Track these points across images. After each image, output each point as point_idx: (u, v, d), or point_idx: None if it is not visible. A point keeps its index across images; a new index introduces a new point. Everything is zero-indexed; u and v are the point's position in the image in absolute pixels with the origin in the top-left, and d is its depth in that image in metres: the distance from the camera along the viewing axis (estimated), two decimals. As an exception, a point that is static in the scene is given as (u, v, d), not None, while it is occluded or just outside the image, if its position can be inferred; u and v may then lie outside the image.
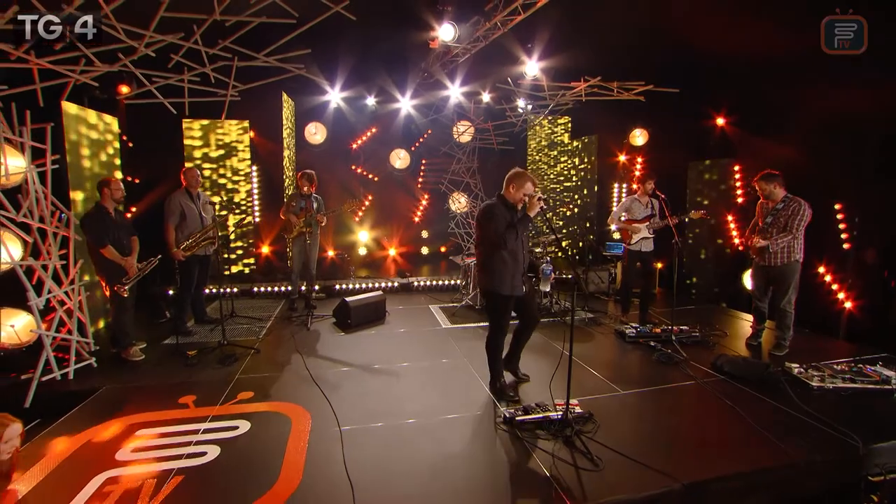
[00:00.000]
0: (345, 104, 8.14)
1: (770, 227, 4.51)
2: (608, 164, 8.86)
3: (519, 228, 3.23)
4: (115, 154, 5.41)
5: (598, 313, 5.93)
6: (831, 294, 5.93)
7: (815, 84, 5.82)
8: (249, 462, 2.57)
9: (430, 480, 2.44)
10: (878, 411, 3.34)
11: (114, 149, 5.38)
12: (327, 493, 2.31)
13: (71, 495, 2.25)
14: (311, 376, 3.81)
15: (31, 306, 3.59)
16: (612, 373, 3.98)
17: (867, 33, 4.00)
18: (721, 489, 2.54)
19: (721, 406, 3.40)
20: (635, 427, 3.12)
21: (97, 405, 3.32)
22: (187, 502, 2.23)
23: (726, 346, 4.76)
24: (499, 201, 3.42)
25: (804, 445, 2.87)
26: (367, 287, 6.65)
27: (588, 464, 2.61)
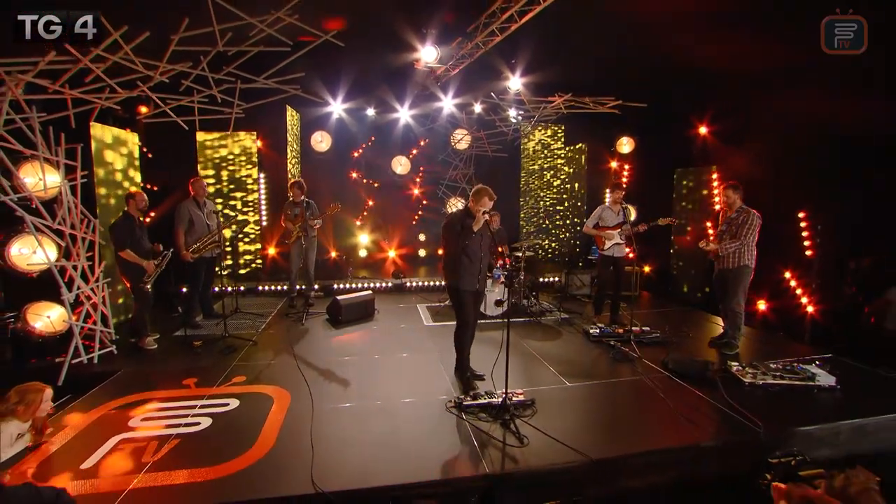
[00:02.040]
0: (346, 115, 8.70)
1: (724, 234, 4.90)
2: (599, 171, 9.21)
3: (463, 236, 3.72)
4: (137, 164, 6.09)
5: (573, 314, 6.34)
6: (796, 299, 6.22)
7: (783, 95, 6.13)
8: (233, 431, 3.13)
9: (378, 450, 2.95)
10: (795, 404, 3.71)
11: (135, 160, 6.06)
12: (291, 457, 2.84)
13: (93, 450, 2.86)
14: (297, 365, 4.37)
15: (64, 300, 4.24)
16: (565, 368, 4.42)
17: (867, 33, 3.98)
18: (627, 465, 2.97)
19: (654, 398, 3.82)
20: (570, 414, 3.56)
21: (116, 384, 3.95)
22: (179, 458, 2.79)
23: (684, 346, 5.12)
24: (464, 212, 3.93)
25: (713, 431, 3.28)
26: (362, 287, 7.20)
27: (515, 441, 3.07)
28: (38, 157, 4.29)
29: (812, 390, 3.94)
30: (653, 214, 6.42)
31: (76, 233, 4.56)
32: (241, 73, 5.26)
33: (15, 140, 4.17)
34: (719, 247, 4.82)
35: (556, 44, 6.28)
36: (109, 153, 5.60)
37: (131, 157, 6.09)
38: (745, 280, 4.82)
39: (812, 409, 3.66)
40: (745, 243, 4.74)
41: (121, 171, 5.82)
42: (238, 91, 5.54)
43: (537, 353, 4.79)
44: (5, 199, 3.96)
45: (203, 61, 4.86)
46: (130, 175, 6.05)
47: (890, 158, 5.25)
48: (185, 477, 2.61)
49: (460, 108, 8.32)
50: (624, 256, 5.79)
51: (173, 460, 2.77)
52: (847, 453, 3.33)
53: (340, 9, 5.56)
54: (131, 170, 6.08)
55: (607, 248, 5.75)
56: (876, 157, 5.42)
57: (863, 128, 5.33)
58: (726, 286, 4.95)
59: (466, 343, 4.11)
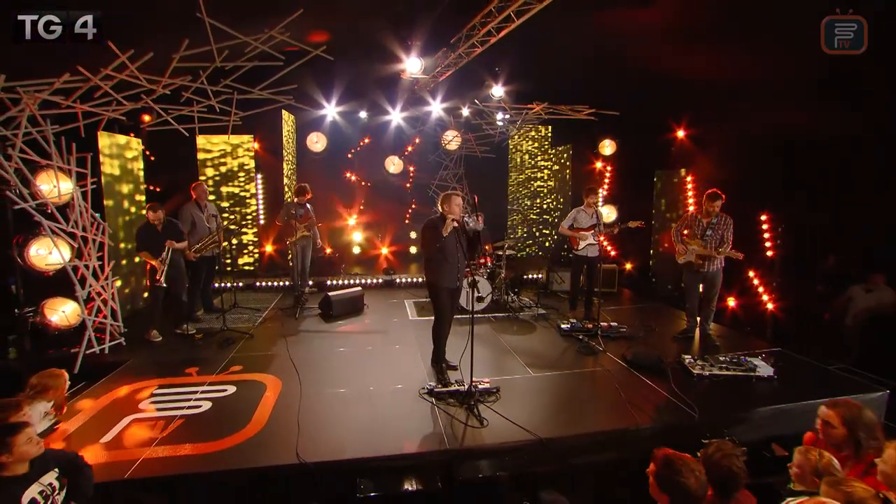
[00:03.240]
0: (340, 118, 9.07)
1: (710, 239, 5.22)
2: (585, 171, 9.60)
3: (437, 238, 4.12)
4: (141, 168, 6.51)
5: (550, 310, 6.76)
6: (758, 297, 6.64)
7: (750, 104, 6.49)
8: (230, 413, 3.58)
9: (355, 430, 3.39)
10: (733, 392, 4.13)
11: (139, 163, 6.48)
12: (279, 435, 3.29)
13: (109, 427, 3.33)
14: (289, 355, 4.81)
15: (78, 297, 4.68)
16: (533, 359, 4.85)
17: (867, 33, 3.96)
18: (572, 445, 3.40)
19: (608, 387, 4.25)
20: (530, 400, 3.99)
21: (125, 372, 4.40)
22: (184, 434, 3.25)
23: (649, 340, 5.53)
24: (439, 216, 4.33)
25: (654, 416, 3.72)
26: (354, 283, 7.63)
27: (476, 423, 3.51)
28: (52, 166, 4.71)
29: (751, 380, 4.36)
30: (633, 214, 6.82)
31: (87, 235, 4.98)
32: (238, 86, 5.65)
33: (32, 151, 4.59)
34: (714, 251, 5.13)
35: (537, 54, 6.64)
36: (116, 160, 6.01)
37: (135, 162, 6.50)
38: (721, 278, 5.31)
39: (747, 396, 4.09)
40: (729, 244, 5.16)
41: (126, 174, 6.24)
42: (235, 101, 5.93)
43: (510, 346, 5.23)
44: (25, 206, 4.39)
45: (202, 76, 5.25)
46: (136, 177, 6.46)
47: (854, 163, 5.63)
48: (189, 450, 3.07)
49: (448, 111, 8.69)
50: (597, 256, 6.18)
51: (179, 436, 3.23)
52: (771, 434, 3.76)
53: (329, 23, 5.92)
54: (136, 172, 6.50)
55: (581, 249, 6.15)
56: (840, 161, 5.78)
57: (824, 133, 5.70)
58: (711, 287, 5.35)
59: (443, 336, 4.54)
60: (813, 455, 2.34)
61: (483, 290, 6.40)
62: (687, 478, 1.93)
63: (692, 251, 5.34)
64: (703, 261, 5.29)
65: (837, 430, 2.57)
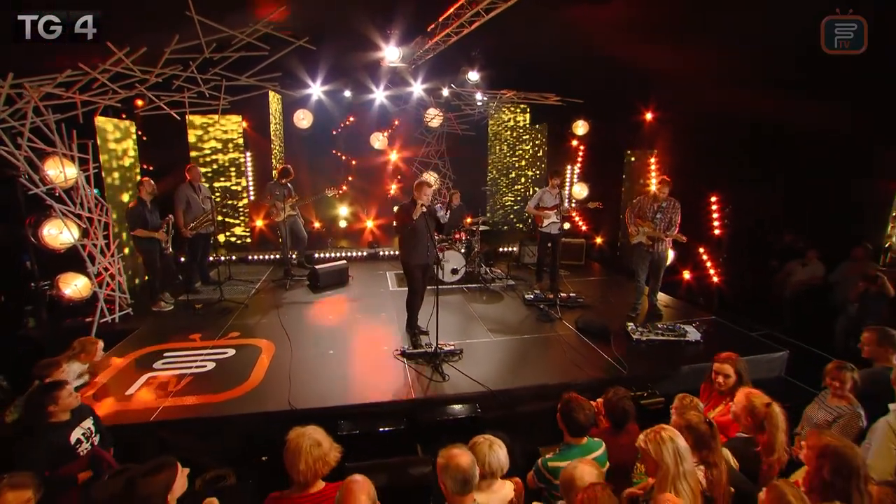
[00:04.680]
0: (325, 97, 9.38)
1: (660, 222, 5.69)
2: (563, 148, 10.09)
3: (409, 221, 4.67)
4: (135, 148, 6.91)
5: (519, 281, 7.43)
6: (706, 271, 7.36)
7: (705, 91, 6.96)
8: (231, 371, 4.24)
9: (338, 384, 4.07)
10: (663, 354, 4.85)
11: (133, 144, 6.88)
12: (274, 388, 3.96)
13: (130, 383, 3.98)
14: (281, 322, 5.45)
15: (89, 272, 5.22)
16: (496, 326, 5.53)
17: (867, 33, 4.01)
18: (517, 395, 4.10)
19: (557, 349, 4.95)
20: (488, 360, 4.67)
21: (137, 339, 5.02)
22: (193, 388, 3.91)
23: (602, 310, 6.22)
24: (411, 201, 4.87)
25: (590, 372, 4.43)
26: (340, 256, 8.21)
27: (439, 378, 4.20)
28: (57, 152, 5.14)
29: (681, 344, 5.08)
30: (604, 192, 7.38)
31: (92, 216, 5.46)
32: (226, 74, 6.02)
33: (37, 139, 5.01)
34: (664, 234, 5.60)
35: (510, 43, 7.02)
36: (112, 143, 6.41)
37: (130, 143, 6.89)
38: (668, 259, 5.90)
39: (674, 357, 4.81)
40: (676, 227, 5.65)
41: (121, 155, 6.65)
42: (223, 87, 6.30)
43: (477, 314, 5.90)
44: (38, 191, 4.85)
45: (192, 66, 5.61)
46: (130, 157, 6.87)
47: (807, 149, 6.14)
48: (200, 400, 3.74)
49: (429, 92, 9.04)
50: (559, 233, 6.78)
51: (190, 389, 3.89)
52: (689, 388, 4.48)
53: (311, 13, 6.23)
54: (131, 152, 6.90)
55: (545, 226, 6.75)
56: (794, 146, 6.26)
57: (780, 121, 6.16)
58: (658, 267, 5.85)
59: (415, 306, 5.18)
60: (686, 399, 3.04)
61: (457, 263, 7.02)
62: (578, 413, 2.60)
63: (643, 233, 5.84)
64: (653, 242, 5.77)
65: (731, 378, 3.26)
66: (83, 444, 2.67)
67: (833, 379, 3.12)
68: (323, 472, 2.08)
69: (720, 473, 2.31)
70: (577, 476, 2.09)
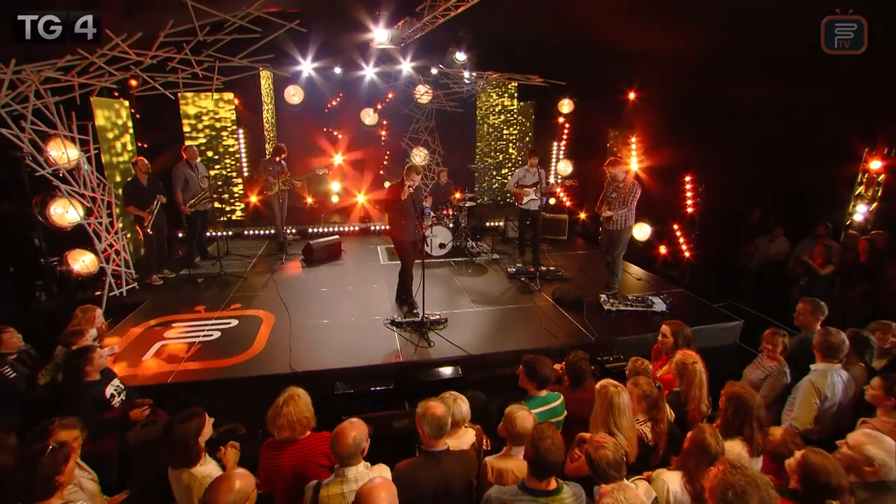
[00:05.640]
0: (316, 74, 9.48)
1: (614, 201, 6.06)
2: (549, 125, 10.34)
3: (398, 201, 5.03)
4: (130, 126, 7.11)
5: (503, 255, 7.85)
6: (678, 247, 7.82)
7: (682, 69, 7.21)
8: (236, 339, 4.67)
9: (334, 349, 4.52)
10: (630, 323, 5.34)
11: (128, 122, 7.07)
12: (276, 354, 4.40)
13: (146, 350, 4.40)
14: (279, 294, 5.86)
15: (96, 249, 5.54)
16: (479, 297, 5.98)
17: (867, 33, 4.02)
18: (494, 359, 4.58)
19: (535, 318, 5.42)
20: (470, 328, 5.13)
21: (145, 311, 5.40)
22: (203, 354, 4.35)
23: (579, 282, 6.68)
24: (400, 182, 5.21)
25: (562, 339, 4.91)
26: (333, 231, 8.55)
27: (425, 344, 4.66)
28: (59, 134, 5.36)
29: (648, 314, 5.57)
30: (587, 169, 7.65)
31: (95, 195, 5.74)
32: (219, 55, 6.19)
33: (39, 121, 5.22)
34: (614, 213, 5.88)
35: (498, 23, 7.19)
36: (108, 122, 6.59)
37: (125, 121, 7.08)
38: (627, 238, 6.14)
39: (639, 325, 5.30)
40: (630, 209, 5.95)
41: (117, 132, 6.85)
42: (217, 69, 6.46)
43: (462, 286, 6.34)
44: (44, 173, 5.11)
45: (186, 48, 5.78)
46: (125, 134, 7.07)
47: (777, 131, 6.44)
48: (210, 364, 4.18)
49: (418, 70, 9.18)
50: (538, 209, 7.14)
51: (200, 355, 4.32)
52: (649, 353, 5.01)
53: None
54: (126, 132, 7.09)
55: (525, 203, 7.11)
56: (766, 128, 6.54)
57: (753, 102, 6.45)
58: (616, 244, 6.15)
59: (408, 279, 5.58)
60: (638, 362, 3.51)
61: (444, 238, 7.40)
62: (540, 369, 3.05)
63: (605, 210, 6.12)
64: (607, 221, 5.96)
65: (669, 339, 3.73)
66: (116, 397, 3.11)
67: (767, 343, 3.60)
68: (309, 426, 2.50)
69: (664, 427, 2.82)
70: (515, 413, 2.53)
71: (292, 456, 2.38)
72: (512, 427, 2.48)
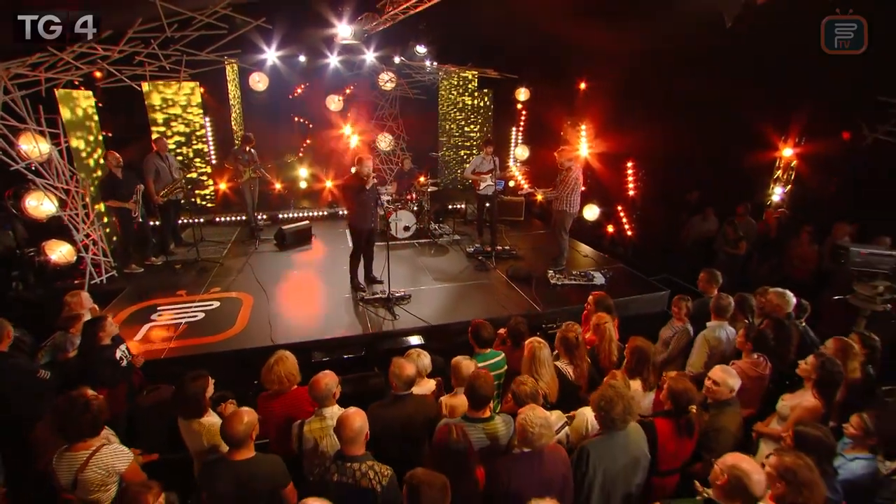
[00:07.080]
0: (280, 62, 9.65)
1: (559, 184, 6.74)
2: (508, 112, 10.93)
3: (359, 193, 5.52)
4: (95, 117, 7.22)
5: (464, 236, 8.48)
6: (622, 226, 8.68)
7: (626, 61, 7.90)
8: (219, 319, 5.14)
9: (310, 324, 5.07)
10: (571, 295, 6.09)
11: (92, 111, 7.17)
12: (257, 331, 4.91)
13: (137, 331, 4.82)
14: (255, 277, 6.30)
15: (74, 238, 5.80)
16: (440, 275, 6.62)
17: (867, 33, 4.04)
18: (452, 329, 5.24)
19: (489, 293, 6.10)
20: (430, 302, 5.76)
21: (127, 297, 5.75)
22: (190, 333, 4.82)
23: (531, 261, 7.38)
24: (354, 174, 5.65)
25: (511, 310, 5.61)
26: (302, 216, 8.93)
27: (390, 316, 5.28)
28: (29, 128, 5.53)
29: (588, 287, 6.34)
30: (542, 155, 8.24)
31: (69, 187, 5.95)
32: (186, 50, 6.42)
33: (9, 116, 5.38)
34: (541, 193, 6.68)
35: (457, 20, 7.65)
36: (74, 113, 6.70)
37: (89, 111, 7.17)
38: (562, 221, 6.72)
39: (581, 297, 6.04)
40: (560, 193, 6.51)
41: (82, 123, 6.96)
42: (183, 63, 6.68)
43: (425, 265, 6.96)
44: (18, 167, 5.31)
45: (153, 43, 6.00)
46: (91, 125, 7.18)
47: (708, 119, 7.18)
48: (198, 341, 4.65)
49: (381, 59, 9.52)
50: (493, 194, 7.75)
51: (188, 334, 4.79)
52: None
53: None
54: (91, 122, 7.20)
55: (482, 189, 7.72)
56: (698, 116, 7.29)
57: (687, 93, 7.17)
58: (554, 225, 6.86)
59: (369, 258, 6.09)
60: (569, 325, 4.23)
61: (409, 221, 7.94)
62: (481, 331, 3.71)
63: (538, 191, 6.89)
64: None
65: (591, 307, 4.46)
66: (124, 361, 3.59)
67: (675, 307, 4.39)
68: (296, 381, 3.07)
69: (583, 369, 3.55)
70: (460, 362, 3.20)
71: (282, 405, 2.97)
72: (458, 372, 3.14)
